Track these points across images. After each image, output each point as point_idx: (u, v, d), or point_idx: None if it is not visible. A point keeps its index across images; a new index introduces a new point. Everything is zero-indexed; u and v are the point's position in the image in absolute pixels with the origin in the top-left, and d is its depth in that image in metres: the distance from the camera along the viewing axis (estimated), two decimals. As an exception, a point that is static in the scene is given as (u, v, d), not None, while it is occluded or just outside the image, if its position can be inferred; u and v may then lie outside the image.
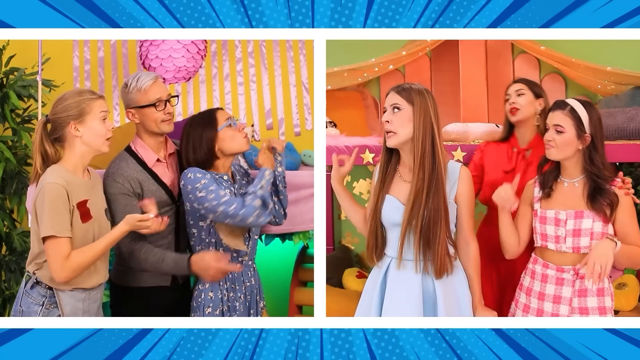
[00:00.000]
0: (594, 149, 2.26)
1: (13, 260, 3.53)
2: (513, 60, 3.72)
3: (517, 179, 2.38)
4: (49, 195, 2.21)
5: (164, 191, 2.56)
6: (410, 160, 2.27)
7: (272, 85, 3.50)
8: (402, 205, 2.25)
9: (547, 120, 2.33)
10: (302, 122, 3.49)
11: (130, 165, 2.53)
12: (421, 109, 2.22)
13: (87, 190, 2.34)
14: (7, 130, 3.63)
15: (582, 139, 2.25)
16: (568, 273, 2.28)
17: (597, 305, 2.26)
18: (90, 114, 2.32)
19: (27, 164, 3.68)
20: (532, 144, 2.70)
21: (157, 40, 3.01)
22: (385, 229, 2.31)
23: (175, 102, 2.67)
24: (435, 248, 2.19)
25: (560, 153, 2.27)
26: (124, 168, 2.52)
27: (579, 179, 2.30)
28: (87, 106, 2.32)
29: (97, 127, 2.34)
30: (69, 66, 3.37)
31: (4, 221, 3.57)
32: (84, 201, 2.30)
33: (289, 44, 3.46)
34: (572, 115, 2.26)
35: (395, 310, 2.23)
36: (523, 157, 2.69)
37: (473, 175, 2.42)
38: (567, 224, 2.27)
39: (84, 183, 2.35)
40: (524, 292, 2.39)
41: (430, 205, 2.18)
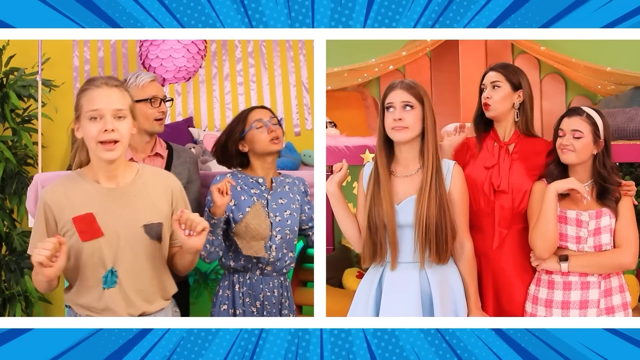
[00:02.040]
0: (606, 153, 2.34)
1: (13, 260, 3.53)
2: (513, 60, 3.72)
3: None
4: (37, 208, 2.04)
5: None
6: (406, 158, 2.28)
7: (272, 85, 3.50)
8: (396, 206, 2.24)
9: (561, 125, 2.35)
10: (302, 122, 3.49)
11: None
12: (429, 106, 2.25)
13: (108, 201, 2.01)
14: (7, 130, 3.63)
15: (597, 144, 2.32)
16: (593, 276, 2.31)
17: (621, 302, 2.33)
18: (81, 111, 2.01)
19: (27, 164, 3.68)
20: (514, 138, 2.51)
21: (157, 40, 3.02)
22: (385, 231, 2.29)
23: (170, 104, 2.68)
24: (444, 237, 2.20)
25: (579, 157, 2.32)
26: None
27: (588, 183, 2.36)
28: (79, 100, 2.02)
29: (86, 127, 1.98)
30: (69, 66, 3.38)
31: (4, 221, 3.56)
32: (85, 216, 1.98)
33: (289, 44, 3.46)
34: (589, 120, 2.32)
35: (394, 310, 2.23)
36: (507, 151, 2.50)
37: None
38: (589, 224, 2.32)
39: (103, 192, 2.02)
40: (541, 305, 2.36)
41: (438, 198, 2.20)
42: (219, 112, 3.76)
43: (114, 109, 1.98)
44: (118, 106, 1.98)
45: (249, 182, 2.55)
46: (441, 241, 2.21)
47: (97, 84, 2.00)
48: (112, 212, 2.00)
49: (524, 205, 2.44)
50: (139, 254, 2.02)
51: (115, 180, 2.04)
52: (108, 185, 2.03)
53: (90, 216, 1.98)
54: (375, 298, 2.28)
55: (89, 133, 1.97)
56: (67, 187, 2.03)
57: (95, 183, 2.03)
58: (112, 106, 1.97)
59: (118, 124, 1.97)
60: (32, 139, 3.62)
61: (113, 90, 1.99)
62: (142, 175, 2.09)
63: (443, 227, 2.20)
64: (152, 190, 2.08)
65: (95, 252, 1.99)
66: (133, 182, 2.06)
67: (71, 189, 2.02)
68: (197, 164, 2.74)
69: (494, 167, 2.49)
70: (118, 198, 2.02)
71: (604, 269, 2.32)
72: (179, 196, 2.14)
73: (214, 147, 2.60)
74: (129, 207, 2.02)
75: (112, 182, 2.04)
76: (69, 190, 2.02)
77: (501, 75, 2.49)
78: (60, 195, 2.01)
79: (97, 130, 1.95)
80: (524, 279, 2.44)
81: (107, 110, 1.97)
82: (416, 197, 2.23)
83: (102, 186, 2.03)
